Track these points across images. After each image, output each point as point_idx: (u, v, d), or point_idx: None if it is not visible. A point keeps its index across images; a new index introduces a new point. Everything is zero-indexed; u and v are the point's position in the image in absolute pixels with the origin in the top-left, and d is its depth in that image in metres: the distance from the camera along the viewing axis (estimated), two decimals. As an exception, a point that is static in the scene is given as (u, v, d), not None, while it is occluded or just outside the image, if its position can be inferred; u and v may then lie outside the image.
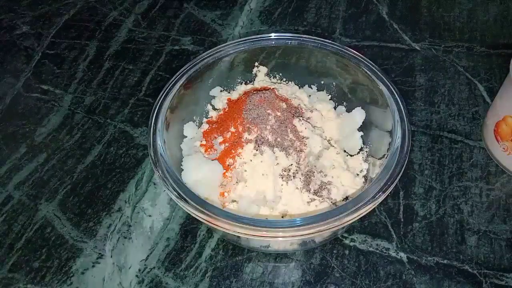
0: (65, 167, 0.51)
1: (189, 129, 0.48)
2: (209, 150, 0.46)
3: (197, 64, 0.47)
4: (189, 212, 0.37)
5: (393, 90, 0.43)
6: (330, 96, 0.52)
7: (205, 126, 0.48)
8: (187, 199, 0.37)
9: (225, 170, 0.43)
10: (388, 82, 0.44)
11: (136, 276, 0.43)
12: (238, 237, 0.39)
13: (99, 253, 0.44)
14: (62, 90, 0.60)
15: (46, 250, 0.45)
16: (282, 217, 0.41)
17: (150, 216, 0.47)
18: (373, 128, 0.47)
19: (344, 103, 0.51)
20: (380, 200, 0.36)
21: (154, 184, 0.49)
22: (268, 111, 0.45)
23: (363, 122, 0.48)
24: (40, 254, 0.45)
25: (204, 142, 0.46)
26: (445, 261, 0.43)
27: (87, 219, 0.47)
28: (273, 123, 0.44)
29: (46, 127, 0.56)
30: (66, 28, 0.68)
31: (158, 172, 0.39)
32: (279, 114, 0.45)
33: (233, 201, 0.42)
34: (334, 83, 0.51)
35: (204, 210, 0.36)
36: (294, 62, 0.51)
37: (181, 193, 0.37)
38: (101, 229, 0.46)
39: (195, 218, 0.37)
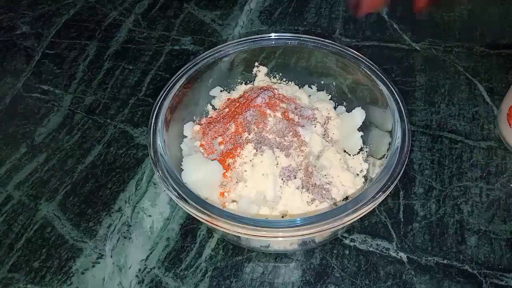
0: (65, 167, 0.51)
1: (189, 129, 0.48)
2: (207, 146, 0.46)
3: (197, 64, 0.47)
4: (189, 212, 0.37)
5: (393, 90, 0.43)
6: (330, 96, 0.52)
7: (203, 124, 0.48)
8: (187, 199, 0.37)
9: (225, 170, 0.43)
10: (388, 82, 0.44)
11: (136, 276, 0.43)
12: (238, 237, 0.39)
13: (99, 253, 0.44)
14: (62, 90, 0.60)
15: (46, 250, 0.45)
16: (282, 217, 0.41)
17: (150, 216, 0.47)
18: (373, 128, 0.47)
19: (344, 103, 0.51)
20: (380, 200, 0.36)
21: (154, 184, 0.49)
22: (268, 111, 0.45)
23: (363, 122, 0.48)
24: (40, 254, 0.45)
25: (203, 141, 0.46)
26: (445, 261, 0.43)
27: (87, 219, 0.47)
28: (273, 123, 0.44)
29: (46, 127, 0.56)
30: (66, 28, 0.68)
31: (158, 172, 0.39)
32: (279, 114, 0.45)
33: (233, 201, 0.42)
34: (334, 83, 0.51)
35: (204, 210, 0.36)
36: (294, 62, 0.51)
37: (181, 193, 0.37)
38: (101, 229, 0.46)
39: (195, 218, 0.37)
